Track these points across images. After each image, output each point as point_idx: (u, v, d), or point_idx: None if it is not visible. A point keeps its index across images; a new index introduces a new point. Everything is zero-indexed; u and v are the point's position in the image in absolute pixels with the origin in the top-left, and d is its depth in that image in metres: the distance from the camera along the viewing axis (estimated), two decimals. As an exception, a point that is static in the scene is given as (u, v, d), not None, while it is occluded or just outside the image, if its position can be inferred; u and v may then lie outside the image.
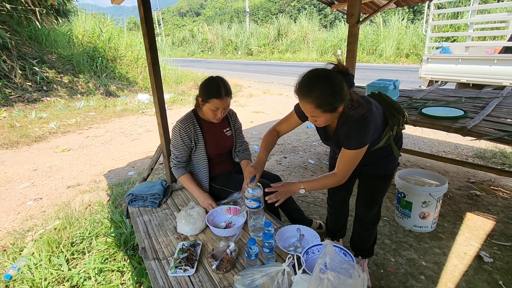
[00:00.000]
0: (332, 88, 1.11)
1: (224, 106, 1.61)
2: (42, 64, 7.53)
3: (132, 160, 3.74)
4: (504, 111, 2.12)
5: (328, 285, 0.84)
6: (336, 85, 1.11)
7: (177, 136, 1.70)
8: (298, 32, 19.06)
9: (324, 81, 1.12)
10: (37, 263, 1.79)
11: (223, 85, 1.59)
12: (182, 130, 1.67)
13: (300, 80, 1.15)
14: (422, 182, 2.09)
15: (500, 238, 1.96)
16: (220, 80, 1.61)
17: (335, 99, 1.12)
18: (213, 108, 1.60)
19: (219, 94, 1.56)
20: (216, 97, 1.57)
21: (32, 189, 3.04)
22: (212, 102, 1.58)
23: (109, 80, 8.45)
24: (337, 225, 1.84)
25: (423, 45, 9.77)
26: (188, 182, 1.74)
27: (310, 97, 1.12)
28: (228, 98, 1.61)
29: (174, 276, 1.20)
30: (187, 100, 7.46)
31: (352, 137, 1.21)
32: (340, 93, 1.12)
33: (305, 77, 1.14)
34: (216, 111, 1.61)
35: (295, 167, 3.31)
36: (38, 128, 5.02)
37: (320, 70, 1.14)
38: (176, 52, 23.99)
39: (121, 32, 10.05)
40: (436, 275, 1.67)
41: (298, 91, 1.15)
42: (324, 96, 1.11)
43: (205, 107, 1.63)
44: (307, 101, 1.14)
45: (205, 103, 1.61)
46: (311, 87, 1.12)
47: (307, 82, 1.13)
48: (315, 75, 1.13)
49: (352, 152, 1.23)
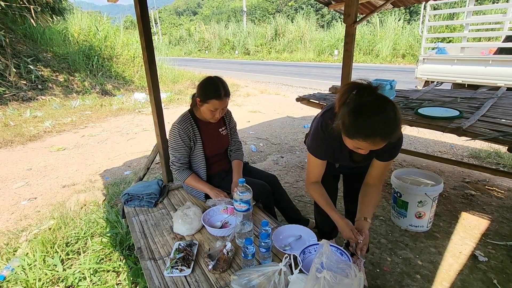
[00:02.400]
0: (397, 116, 1.02)
1: (223, 106, 1.61)
2: (37, 63, 7.45)
3: (128, 160, 3.71)
4: (499, 112, 2.14)
5: (325, 284, 0.84)
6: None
7: (176, 138, 1.68)
8: (295, 32, 19.09)
9: (392, 112, 1.00)
10: (31, 264, 1.77)
11: (222, 86, 1.59)
12: (181, 131, 1.66)
13: (383, 127, 0.99)
14: (418, 182, 2.10)
15: (494, 237, 1.97)
16: (219, 81, 1.60)
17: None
18: (212, 108, 1.59)
19: (219, 95, 1.56)
20: (216, 98, 1.56)
21: (26, 189, 3.01)
22: (212, 103, 1.57)
23: (105, 79, 8.39)
24: (329, 227, 1.83)
25: (419, 46, 9.84)
26: (195, 182, 1.74)
27: (392, 137, 1.01)
28: (227, 99, 1.61)
29: (170, 276, 1.20)
30: (183, 99, 7.43)
31: (397, 149, 1.27)
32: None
33: (376, 118, 0.99)
34: (215, 112, 1.61)
35: (292, 166, 3.31)
36: (32, 127, 4.96)
37: (375, 105, 1.01)
38: (173, 51, 23.88)
39: (117, 31, 9.98)
40: (431, 274, 1.68)
41: (375, 137, 1.00)
42: (400, 128, 1.03)
43: (204, 108, 1.62)
44: (385, 141, 1.02)
45: (203, 104, 1.60)
46: (392, 127, 1.00)
47: (386, 122, 0.99)
48: (383, 111, 0.99)
49: (390, 161, 1.30)
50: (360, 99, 1.03)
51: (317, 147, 1.32)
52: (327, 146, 1.29)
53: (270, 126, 5.03)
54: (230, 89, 1.67)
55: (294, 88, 8.75)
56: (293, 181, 2.93)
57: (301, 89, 8.39)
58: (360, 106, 1.02)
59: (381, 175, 1.36)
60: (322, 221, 1.83)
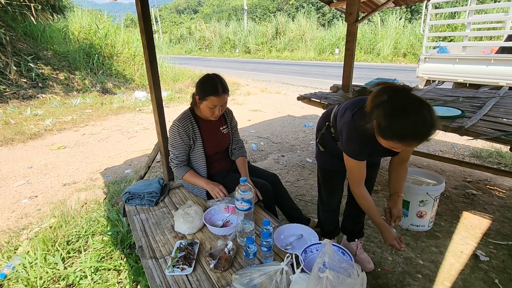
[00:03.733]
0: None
1: (221, 103, 1.60)
2: (38, 61, 7.44)
3: (129, 158, 3.71)
4: (501, 111, 2.13)
5: (327, 284, 0.83)
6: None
7: (175, 135, 1.68)
8: (296, 30, 19.06)
9: (427, 114, 1.01)
10: (32, 262, 1.77)
11: (220, 82, 1.58)
12: (181, 129, 1.66)
13: (422, 128, 1.00)
14: (419, 181, 2.09)
15: (496, 237, 1.97)
16: (216, 77, 1.61)
17: None
18: (210, 105, 1.59)
19: (216, 91, 1.56)
20: (214, 95, 1.56)
21: (27, 187, 3.01)
22: (210, 100, 1.57)
23: (105, 77, 8.38)
24: (333, 225, 1.84)
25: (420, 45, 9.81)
26: (192, 177, 1.74)
27: (428, 138, 1.02)
28: (225, 95, 1.60)
29: (171, 275, 1.19)
30: (184, 98, 7.42)
31: None
32: None
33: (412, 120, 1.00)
34: (214, 109, 1.61)
35: (292, 165, 3.31)
36: (33, 125, 4.96)
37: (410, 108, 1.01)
38: (173, 49, 23.86)
39: (117, 29, 9.96)
40: (433, 273, 1.68)
41: (410, 140, 1.02)
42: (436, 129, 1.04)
43: (203, 105, 1.62)
44: (420, 142, 1.05)
45: (202, 101, 1.61)
46: (428, 129, 1.00)
47: (421, 124, 1.00)
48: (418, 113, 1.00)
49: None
50: (396, 101, 1.03)
51: (356, 150, 1.29)
52: (365, 146, 1.27)
53: (271, 125, 5.02)
54: (230, 88, 1.67)
55: (295, 87, 8.73)
56: (294, 180, 2.93)
57: (302, 88, 8.38)
58: (395, 109, 1.02)
59: (408, 155, 1.46)
60: (326, 220, 1.83)
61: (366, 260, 1.75)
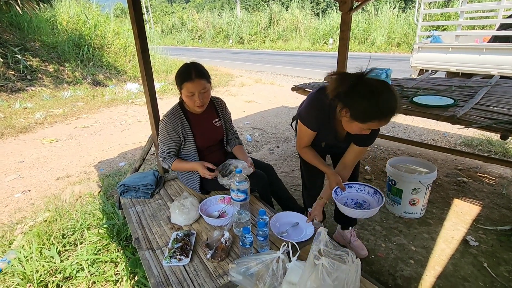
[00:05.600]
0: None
1: (198, 89, 1.50)
2: (25, 52, 7.23)
3: (123, 151, 3.68)
4: (492, 100, 2.16)
5: (323, 271, 0.85)
6: None
7: (164, 132, 1.64)
8: (290, 20, 18.80)
9: (392, 87, 1.14)
10: (28, 256, 1.77)
11: (194, 68, 1.52)
12: (169, 125, 1.61)
13: (395, 103, 1.09)
14: (412, 169, 2.13)
15: (485, 223, 2.03)
16: (191, 64, 1.54)
17: None
18: (187, 93, 1.52)
19: (189, 77, 1.48)
20: (187, 80, 1.49)
21: (19, 181, 2.97)
22: (185, 87, 1.51)
23: (96, 69, 8.21)
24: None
25: (414, 34, 9.79)
26: (180, 164, 1.70)
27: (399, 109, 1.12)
28: (201, 81, 1.50)
29: (168, 265, 1.21)
30: (177, 89, 7.32)
31: (375, 136, 1.39)
32: None
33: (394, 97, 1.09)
34: (192, 96, 1.53)
35: (287, 156, 3.32)
36: (23, 119, 4.86)
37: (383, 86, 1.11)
38: (165, 40, 23.38)
39: (107, 19, 9.70)
40: (424, 259, 1.73)
41: (390, 113, 1.10)
42: None
43: (183, 96, 1.57)
44: (395, 115, 1.13)
45: (181, 92, 1.56)
46: (398, 100, 1.10)
47: (396, 98, 1.10)
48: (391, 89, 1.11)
49: (365, 148, 1.43)
50: (366, 84, 1.10)
51: (310, 119, 1.38)
52: (319, 120, 1.37)
53: (266, 116, 5.01)
54: (224, 79, 1.65)
55: (289, 78, 8.69)
56: (289, 171, 2.95)
57: (296, 79, 8.33)
58: (371, 90, 1.08)
59: (354, 160, 1.48)
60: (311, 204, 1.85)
61: (360, 247, 1.79)
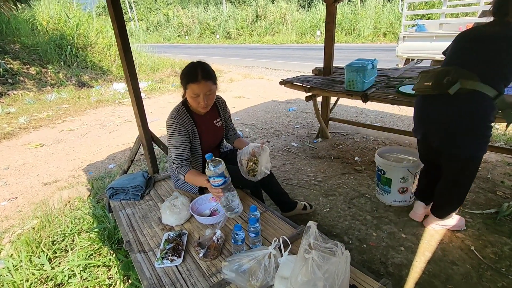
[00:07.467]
0: None
1: (204, 91, 1.48)
2: (5, 55, 6.99)
3: (111, 153, 3.62)
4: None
5: (313, 264, 0.86)
6: None
7: (175, 134, 1.56)
8: (277, 13, 18.67)
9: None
10: (17, 265, 1.73)
11: (201, 68, 1.48)
12: (179, 126, 1.55)
13: None
14: (400, 159, 2.16)
15: (472, 207, 2.08)
16: (198, 64, 1.52)
17: None
18: (192, 94, 1.49)
19: (195, 78, 1.46)
20: (192, 82, 1.46)
21: (5, 189, 2.89)
22: (190, 88, 1.48)
23: (80, 69, 8.00)
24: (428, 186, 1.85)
25: (399, 24, 9.88)
26: (195, 177, 1.54)
27: None
28: (208, 82, 1.48)
29: (161, 267, 1.20)
30: (165, 87, 7.22)
31: None
32: None
33: None
34: (197, 98, 1.49)
35: (278, 150, 3.33)
36: (6, 124, 4.72)
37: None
38: (151, 37, 22.96)
39: (89, 18, 9.44)
40: (414, 245, 1.77)
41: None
42: None
43: (187, 96, 1.53)
44: None
45: (185, 91, 1.53)
46: None
47: None
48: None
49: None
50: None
51: None
52: None
53: (255, 111, 5.00)
54: None
55: (277, 72, 8.66)
56: (280, 165, 2.96)
57: (285, 72, 8.32)
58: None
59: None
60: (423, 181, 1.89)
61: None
